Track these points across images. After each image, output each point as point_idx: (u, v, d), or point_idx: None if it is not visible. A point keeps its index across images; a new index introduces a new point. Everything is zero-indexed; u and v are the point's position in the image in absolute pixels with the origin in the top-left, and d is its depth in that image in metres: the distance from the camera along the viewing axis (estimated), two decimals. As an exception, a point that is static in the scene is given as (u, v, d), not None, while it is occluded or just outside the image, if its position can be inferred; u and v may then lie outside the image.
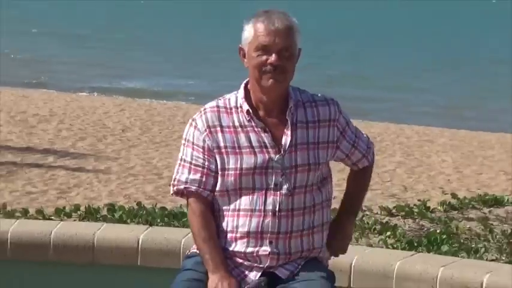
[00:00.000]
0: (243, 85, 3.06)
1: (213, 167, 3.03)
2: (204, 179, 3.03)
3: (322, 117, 3.08)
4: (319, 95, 3.09)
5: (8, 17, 38.34)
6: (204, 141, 3.02)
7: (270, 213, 3.01)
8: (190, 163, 3.06)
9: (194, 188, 3.03)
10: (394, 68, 26.78)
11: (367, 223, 6.19)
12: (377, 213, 6.81)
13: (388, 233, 5.76)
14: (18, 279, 4.58)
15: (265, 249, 3.03)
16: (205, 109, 3.05)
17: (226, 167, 3.01)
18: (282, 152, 3.01)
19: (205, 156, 3.03)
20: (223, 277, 2.98)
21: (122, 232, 4.83)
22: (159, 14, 50.70)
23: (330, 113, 3.08)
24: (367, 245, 5.37)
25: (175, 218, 5.84)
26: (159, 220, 5.83)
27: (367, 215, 6.73)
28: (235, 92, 3.08)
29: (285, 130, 3.01)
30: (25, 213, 6.33)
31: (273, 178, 3.01)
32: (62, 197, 8.28)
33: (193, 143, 3.05)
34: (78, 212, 6.31)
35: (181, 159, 3.09)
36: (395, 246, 5.47)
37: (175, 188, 3.09)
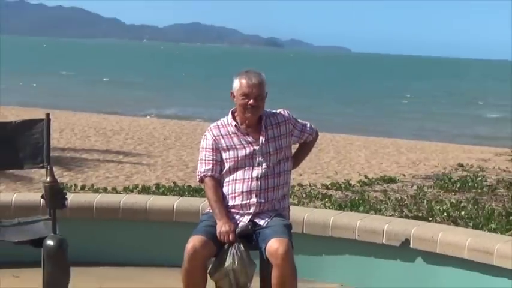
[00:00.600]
0: (230, 112, 4.39)
1: (219, 159, 4.32)
2: (214, 167, 4.33)
3: (280, 120, 4.38)
4: (277, 111, 4.42)
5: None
6: (212, 145, 4.33)
7: (255, 179, 4.26)
8: (205, 160, 4.36)
9: (209, 173, 4.32)
10: (327, 101, 39.96)
11: (313, 193, 7.79)
12: (319, 188, 8.56)
13: (326, 200, 7.35)
14: (99, 231, 5.64)
15: (253, 200, 4.23)
16: (210, 127, 4.40)
17: (228, 157, 4.31)
18: (260, 144, 4.29)
19: (213, 153, 4.33)
20: (226, 222, 4.15)
21: (164, 200, 5.97)
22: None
23: (283, 117, 4.40)
24: (313, 207, 6.67)
25: (197, 192, 7.41)
26: (186, 193, 7.46)
27: (313, 189, 8.52)
28: (227, 116, 4.40)
29: (262, 132, 4.31)
30: (105, 189, 8.24)
31: (257, 160, 4.27)
32: (128, 180, 10.40)
33: (205, 148, 4.37)
34: (138, 189, 8.25)
35: (200, 160, 4.39)
36: (330, 207, 6.76)
37: (198, 177, 4.42)
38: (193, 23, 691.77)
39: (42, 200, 4.21)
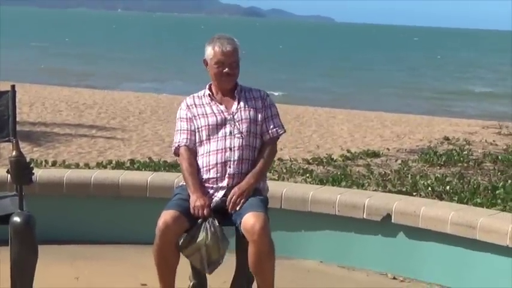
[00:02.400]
0: (207, 85, 4.41)
1: (193, 128, 4.29)
2: (188, 136, 4.30)
3: (255, 96, 4.37)
4: (256, 89, 4.41)
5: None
6: (186, 114, 4.33)
7: (229, 150, 4.22)
8: (180, 130, 4.34)
9: (183, 143, 4.29)
10: (309, 73, 40.11)
11: (294, 168, 7.78)
12: (300, 162, 8.57)
13: (307, 175, 7.30)
14: (71, 208, 5.61)
15: (228, 172, 4.20)
16: (186, 98, 4.44)
17: (200, 125, 4.28)
18: (232, 113, 4.29)
19: (188, 123, 4.32)
20: (200, 196, 4.12)
21: (137, 175, 5.99)
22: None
23: (260, 95, 4.38)
24: (294, 182, 6.64)
25: (173, 167, 7.40)
26: (162, 168, 7.47)
27: (294, 163, 8.54)
28: (203, 90, 4.41)
29: (234, 101, 4.32)
30: (77, 165, 8.20)
31: (228, 129, 4.24)
32: (101, 155, 10.40)
33: (180, 118, 4.36)
34: (111, 165, 8.17)
35: (176, 131, 4.37)
36: (311, 182, 6.74)
37: (173, 147, 4.39)
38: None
39: (8, 175, 4.17)
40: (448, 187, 6.92)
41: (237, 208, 4.15)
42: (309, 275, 5.02)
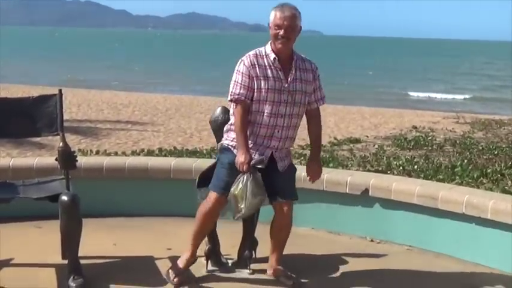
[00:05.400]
0: (269, 43, 3.88)
1: (252, 86, 3.81)
2: (247, 92, 3.82)
3: (308, 67, 3.94)
4: (307, 59, 3.96)
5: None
6: (248, 71, 3.81)
7: (280, 116, 3.86)
8: (241, 84, 3.83)
9: (242, 97, 3.82)
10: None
11: (291, 153, 7.91)
12: (296, 148, 8.53)
13: (302, 158, 7.34)
14: (109, 188, 5.55)
15: (276, 135, 3.88)
16: (249, 55, 3.86)
17: (260, 87, 3.81)
18: (289, 82, 3.85)
19: (249, 80, 3.81)
20: (245, 152, 3.78)
21: (162, 161, 5.91)
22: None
23: (311, 67, 3.95)
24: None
25: (193, 154, 7.45)
26: (184, 155, 7.45)
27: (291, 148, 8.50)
28: (264, 47, 3.89)
29: (291, 71, 3.87)
30: (116, 153, 8.21)
31: (283, 96, 3.84)
32: (135, 145, 10.36)
33: (242, 72, 3.83)
34: (143, 152, 8.25)
35: (235, 82, 3.84)
36: (305, 164, 6.40)
37: (231, 97, 3.85)
38: (191, 13, 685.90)
39: (57, 162, 4.16)
40: (415, 166, 6.94)
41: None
42: (303, 239, 5.02)
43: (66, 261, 4.03)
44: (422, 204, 4.86)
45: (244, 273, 4.27)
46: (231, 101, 3.87)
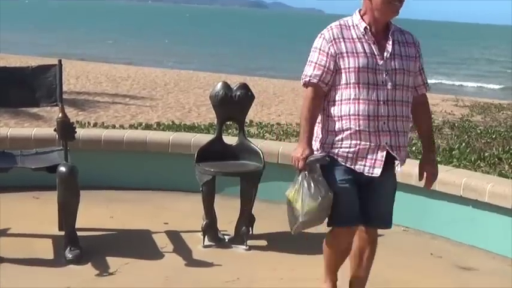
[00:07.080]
0: (357, 12, 3.07)
1: (332, 67, 2.98)
2: (324, 75, 3.00)
3: (409, 40, 3.10)
4: (406, 31, 3.15)
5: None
6: (329, 48, 2.99)
7: (382, 102, 2.96)
8: (316, 63, 3.02)
9: (316, 80, 3.01)
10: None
11: (289, 131, 7.77)
12: (295, 126, 8.43)
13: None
14: (107, 160, 5.53)
15: (383, 128, 2.97)
16: (331, 26, 3.04)
17: (348, 66, 2.96)
18: (384, 58, 2.99)
19: (328, 59, 2.99)
20: (305, 148, 3.00)
21: (161, 135, 5.88)
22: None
23: (413, 40, 3.12)
24: (289, 142, 6.62)
25: (191, 129, 7.38)
26: (182, 130, 7.37)
27: (289, 127, 8.29)
28: (351, 17, 3.07)
29: (387, 44, 3.01)
30: (113, 126, 8.13)
31: (380, 77, 2.96)
32: (133, 119, 10.19)
33: (320, 49, 3.02)
34: (141, 126, 8.09)
35: (310, 61, 3.06)
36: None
37: (303, 80, 3.07)
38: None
39: (56, 133, 4.14)
40: (414, 148, 6.89)
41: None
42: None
43: (63, 233, 4.04)
44: (420, 185, 4.80)
45: (240, 249, 4.28)
46: (304, 85, 3.10)
